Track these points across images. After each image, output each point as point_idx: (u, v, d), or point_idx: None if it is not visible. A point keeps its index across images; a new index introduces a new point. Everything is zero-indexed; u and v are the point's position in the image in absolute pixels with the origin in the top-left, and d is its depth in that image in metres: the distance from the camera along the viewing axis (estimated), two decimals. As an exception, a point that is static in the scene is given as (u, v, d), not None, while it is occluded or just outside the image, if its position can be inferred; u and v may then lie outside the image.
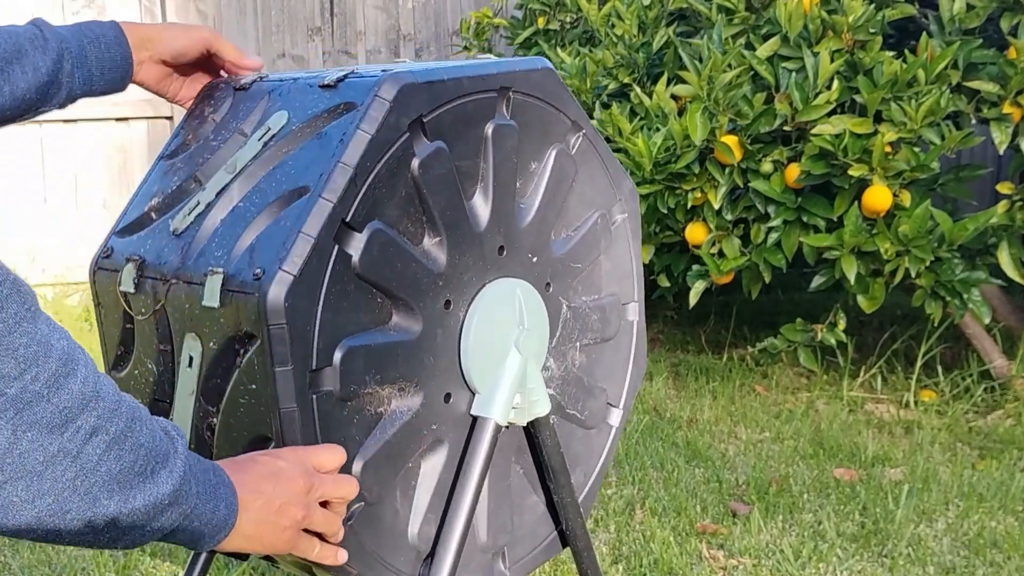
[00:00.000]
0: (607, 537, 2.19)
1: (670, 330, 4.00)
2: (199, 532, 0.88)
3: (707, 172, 2.89)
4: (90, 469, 0.77)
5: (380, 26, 5.45)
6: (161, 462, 0.83)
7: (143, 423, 0.82)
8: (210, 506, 0.88)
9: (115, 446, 0.79)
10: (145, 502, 0.81)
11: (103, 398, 0.78)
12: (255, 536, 0.94)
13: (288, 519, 0.96)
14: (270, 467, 0.97)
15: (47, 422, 0.74)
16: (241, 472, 0.94)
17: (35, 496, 0.75)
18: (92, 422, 0.77)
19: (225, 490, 0.91)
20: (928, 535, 2.18)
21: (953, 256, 2.70)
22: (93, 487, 0.78)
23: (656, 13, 3.28)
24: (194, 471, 0.87)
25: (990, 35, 2.92)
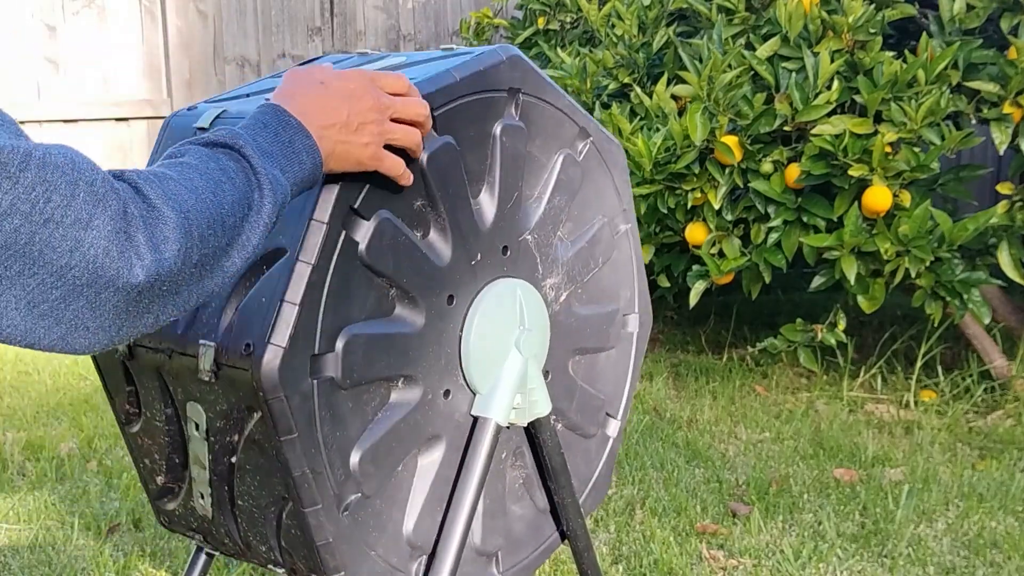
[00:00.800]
0: (607, 537, 2.19)
1: (670, 330, 4.00)
2: (302, 188, 0.97)
3: (707, 172, 2.89)
4: (212, 256, 0.85)
5: (380, 26, 5.45)
6: (252, 189, 0.89)
7: (219, 183, 0.86)
8: (296, 168, 0.94)
9: (217, 225, 0.85)
10: (257, 232, 0.89)
11: (190, 215, 0.82)
12: (344, 155, 1.00)
13: (367, 135, 1.02)
14: (341, 90, 1.01)
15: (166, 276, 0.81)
16: (314, 100, 0.98)
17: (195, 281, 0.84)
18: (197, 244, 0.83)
19: (301, 138, 0.96)
20: (928, 535, 2.18)
21: (953, 256, 2.70)
22: (220, 260, 0.86)
23: (656, 13, 3.28)
24: (271, 154, 0.92)
25: (990, 35, 2.92)
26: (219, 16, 5.01)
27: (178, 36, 4.90)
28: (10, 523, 2.30)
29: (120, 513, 2.33)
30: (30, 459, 2.70)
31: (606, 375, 1.45)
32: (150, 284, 0.79)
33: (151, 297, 0.80)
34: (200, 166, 0.87)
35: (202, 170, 0.86)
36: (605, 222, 1.40)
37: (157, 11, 4.87)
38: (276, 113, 0.96)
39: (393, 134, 1.05)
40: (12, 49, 4.54)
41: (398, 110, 1.05)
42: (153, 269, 0.78)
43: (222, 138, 0.90)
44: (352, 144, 1.00)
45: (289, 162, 0.94)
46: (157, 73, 4.91)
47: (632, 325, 1.48)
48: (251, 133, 0.92)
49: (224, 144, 0.90)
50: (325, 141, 0.98)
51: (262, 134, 0.93)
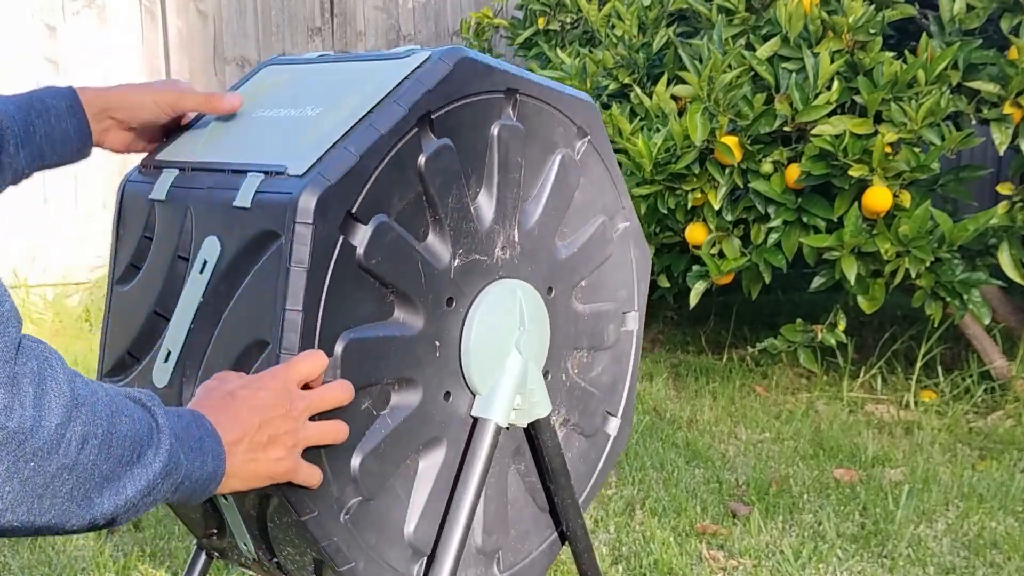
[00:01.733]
0: (607, 538, 2.19)
1: (670, 330, 4.00)
2: (191, 490, 0.89)
3: (707, 173, 2.89)
4: (86, 477, 0.78)
5: (380, 26, 5.45)
6: (147, 443, 0.83)
7: (122, 412, 0.82)
8: (198, 463, 0.88)
9: (104, 445, 0.79)
10: (137, 488, 0.82)
11: (82, 402, 0.78)
12: (250, 474, 0.94)
13: (280, 449, 0.96)
14: (252, 401, 0.95)
15: (47, 445, 0.74)
16: (222, 413, 0.93)
17: (36, 516, 0.76)
18: (80, 430, 0.77)
19: (211, 441, 0.90)
20: (928, 536, 2.18)
21: (953, 257, 2.70)
22: (89, 491, 0.78)
23: (656, 14, 3.28)
24: (178, 435, 0.87)
25: (990, 36, 2.92)
26: (219, 16, 5.02)
27: (178, 36, 4.91)
28: (10, 523, 2.30)
29: (120, 513, 2.34)
30: (30, 459, 2.70)
31: (605, 373, 1.45)
32: (22, 436, 0.72)
33: (33, 460, 0.74)
34: (109, 392, 0.82)
35: (110, 395, 0.82)
36: (604, 220, 1.40)
37: (157, 11, 4.87)
38: (193, 414, 0.91)
39: (309, 438, 0.99)
40: (12, 49, 4.54)
41: (314, 406, 0.99)
42: (28, 422, 0.72)
43: (140, 396, 0.87)
44: (262, 461, 0.95)
45: (194, 454, 0.88)
46: (157, 73, 4.91)
47: (631, 323, 1.48)
48: (167, 413, 0.88)
49: (139, 400, 0.86)
50: (232, 459, 0.92)
51: (177, 421, 0.88)
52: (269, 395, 0.96)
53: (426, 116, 1.13)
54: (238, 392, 0.96)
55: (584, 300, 1.39)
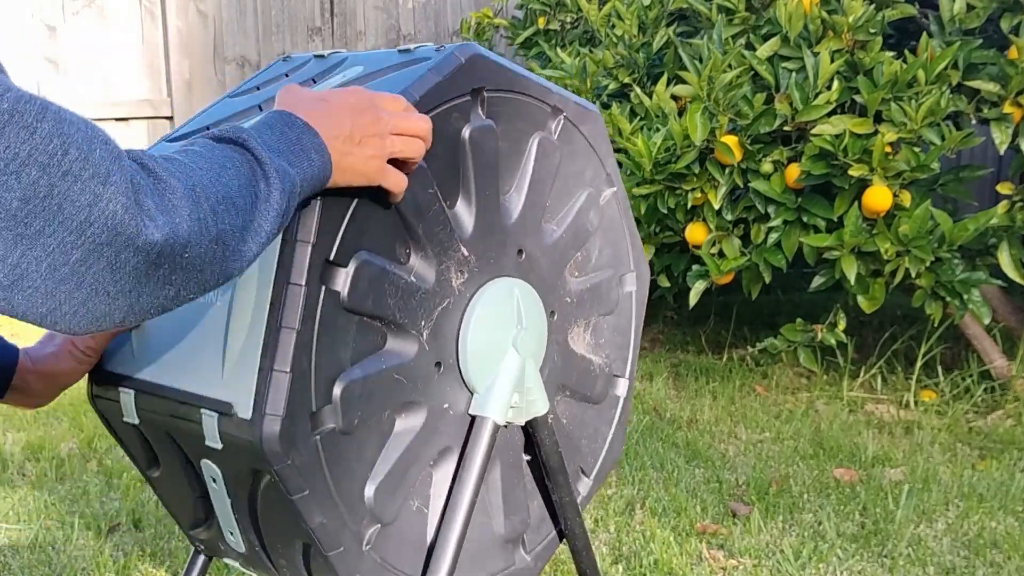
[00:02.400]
0: (607, 537, 2.19)
1: (670, 330, 4.00)
2: (312, 186, 0.96)
3: (707, 172, 2.89)
4: (230, 236, 0.85)
5: (380, 26, 5.45)
6: (257, 179, 0.89)
7: (224, 167, 0.87)
8: (306, 164, 0.94)
9: (229, 205, 0.85)
10: (270, 221, 0.89)
11: (195, 183, 0.83)
12: (347, 168, 1.00)
13: (372, 148, 1.01)
14: (342, 104, 1.01)
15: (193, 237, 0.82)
16: (316, 111, 0.98)
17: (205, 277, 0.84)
18: (207, 207, 0.83)
19: (308, 137, 0.96)
20: (928, 535, 2.18)
21: (953, 256, 2.70)
22: (238, 246, 0.86)
23: (656, 13, 3.28)
24: (278, 149, 0.92)
25: (990, 35, 2.92)
26: (219, 16, 5.02)
27: (178, 36, 4.91)
28: (10, 523, 2.30)
29: (120, 513, 2.33)
30: (30, 459, 2.70)
31: (609, 337, 1.44)
32: (169, 248, 0.78)
33: (171, 264, 0.79)
34: (205, 153, 0.87)
35: (207, 156, 0.87)
36: (590, 192, 1.38)
37: (157, 11, 4.87)
38: (281, 116, 0.96)
39: (395, 147, 1.04)
40: (12, 49, 4.54)
41: (399, 124, 1.05)
42: (168, 231, 0.78)
43: (227, 134, 0.91)
44: (357, 157, 1.00)
45: (297, 157, 0.94)
46: (157, 73, 4.91)
47: (629, 284, 1.47)
48: (255, 130, 0.93)
49: (229, 139, 0.90)
50: (332, 152, 0.98)
51: (267, 132, 0.93)
52: (359, 102, 1.02)
53: None
54: (329, 96, 1.02)
55: (579, 275, 1.38)
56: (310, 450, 1.05)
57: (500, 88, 1.23)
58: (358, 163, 1.01)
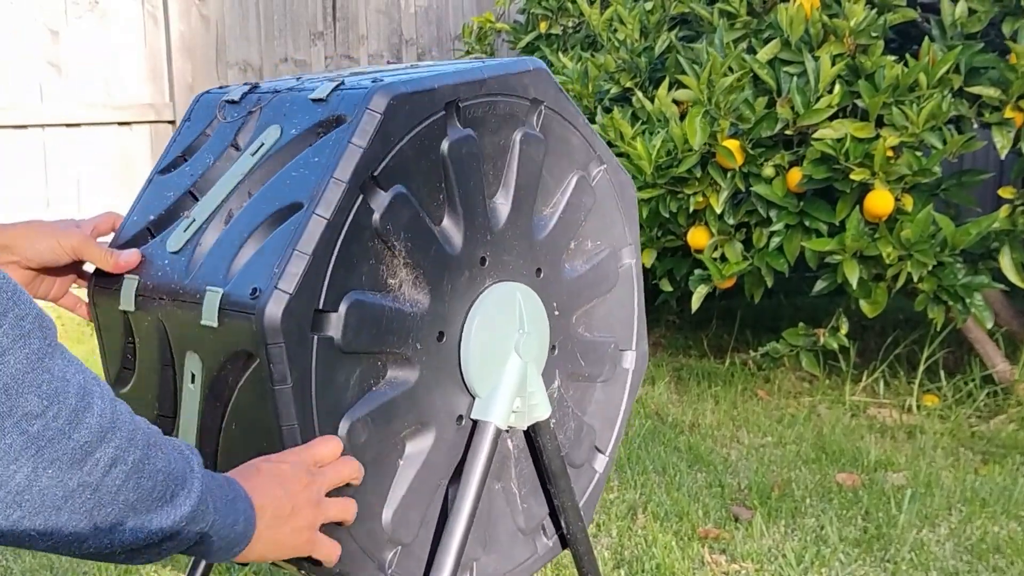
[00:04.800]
0: (609, 541, 2.19)
1: (672, 334, 3.99)
2: (218, 546, 0.89)
3: (709, 176, 2.89)
4: (109, 500, 0.77)
5: (382, 30, 5.46)
6: (179, 484, 0.83)
7: (159, 447, 0.82)
8: (229, 520, 0.89)
9: (134, 475, 0.78)
10: (162, 525, 0.82)
11: (120, 428, 0.78)
12: (273, 542, 0.95)
13: (303, 520, 0.98)
14: (275, 473, 0.98)
15: (68, 458, 0.74)
16: (250, 480, 0.95)
17: (53, 530, 0.75)
18: (111, 453, 0.76)
19: (242, 503, 0.91)
20: (931, 540, 2.18)
21: (955, 261, 2.70)
22: (110, 516, 0.78)
23: (658, 17, 3.29)
24: (211, 488, 0.87)
25: (992, 39, 2.92)
26: (222, 20, 5.02)
27: (181, 40, 4.91)
28: (11, 527, 2.30)
29: (121, 517, 2.33)
30: (32, 463, 2.70)
31: (598, 408, 1.45)
32: (46, 442, 0.72)
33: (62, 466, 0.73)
34: (151, 428, 0.83)
35: (151, 430, 0.82)
36: (611, 252, 1.41)
37: (160, 15, 4.88)
38: (226, 477, 0.93)
39: (328, 513, 1.02)
40: (14, 52, 4.55)
41: (331, 481, 1.03)
42: (55, 431, 0.72)
43: (181, 444, 0.87)
44: (285, 531, 0.96)
45: (224, 510, 0.88)
46: (160, 77, 4.92)
47: (628, 362, 1.49)
48: (203, 467, 0.88)
49: (179, 446, 0.86)
50: (259, 524, 0.93)
51: (211, 478, 0.89)
52: (291, 469, 0.99)
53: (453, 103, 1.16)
54: (262, 466, 0.99)
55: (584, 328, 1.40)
56: (305, 344, 1.05)
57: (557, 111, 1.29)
58: (286, 538, 0.97)
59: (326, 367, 1.08)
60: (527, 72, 1.24)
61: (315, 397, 1.07)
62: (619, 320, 1.47)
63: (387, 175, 1.10)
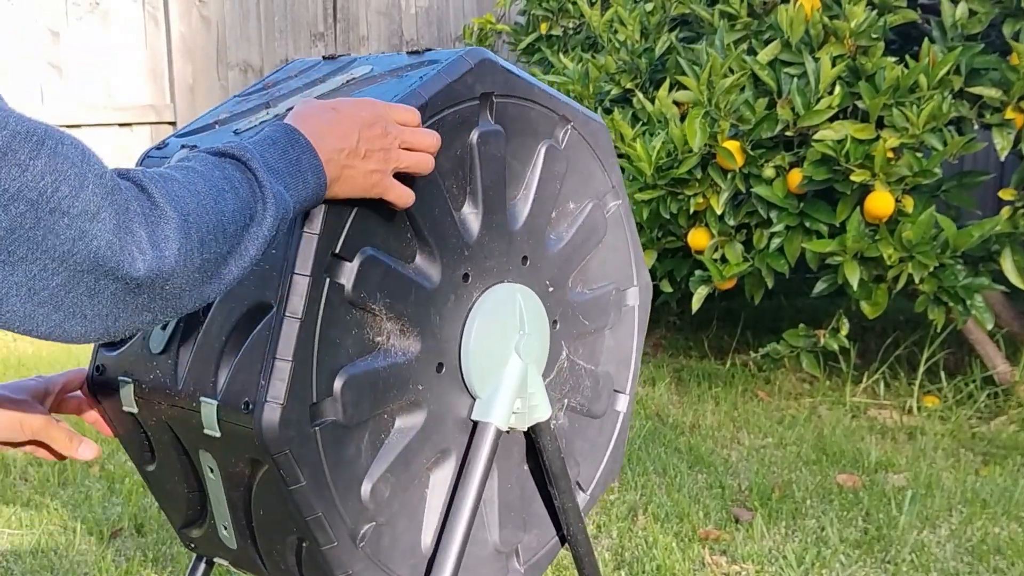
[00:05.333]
0: (609, 543, 2.19)
1: (672, 335, 3.99)
2: (304, 208, 0.97)
3: (709, 177, 2.89)
4: (212, 263, 0.85)
5: (383, 31, 5.46)
6: (254, 202, 0.89)
7: (223, 190, 0.87)
8: (301, 186, 0.95)
9: (219, 232, 0.85)
10: (257, 246, 0.90)
11: (189, 211, 0.83)
12: (348, 182, 1.01)
13: (374, 163, 1.02)
14: (352, 117, 1.02)
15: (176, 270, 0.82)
16: (325, 124, 0.99)
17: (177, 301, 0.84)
18: (196, 238, 0.83)
19: (308, 157, 0.96)
20: (931, 541, 2.18)
21: (956, 262, 2.70)
22: (218, 269, 0.86)
23: (658, 19, 3.29)
24: (277, 170, 0.93)
25: (992, 40, 2.92)
26: (222, 21, 5.02)
27: (181, 41, 4.91)
28: (13, 528, 2.31)
29: (122, 518, 2.33)
30: (32, 464, 2.70)
31: (610, 352, 1.44)
32: (150, 280, 0.80)
33: (150, 294, 0.81)
34: (206, 172, 0.88)
35: (207, 176, 0.87)
36: (595, 203, 1.38)
37: (160, 16, 4.88)
38: (287, 131, 0.96)
39: (401, 161, 1.05)
40: (15, 53, 4.56)
41: (407, 139, 1.06)
42: (154, 265, 0.79)
43: (231, 149, 0.91)
44: (358, 170, 1.01)
45: (294, 180, 0.94)
46: (160, 78, 4.92)
47: (631, 299, 1.47)
48: (260, 148, 0.93)
49: (232, 155, 0.91)
50: (332, 165, 0.99)
51: (270, 150, 0.94)
52: (369, 115, 1.03)
53: None
54: (341, 107, 1.03)
55: (582, 286, 1.38)
56: (309, 441, 1.05)
57: (509, 94, 1.23)
58: (359, 177, 1.01)
59: (334, 449, 1.08)
60: (468, 72, 1.18)
61: (332, 482, 1.08)
62: (615, 263, 1.44)
63: (348, 244, 1.07)
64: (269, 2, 5.13)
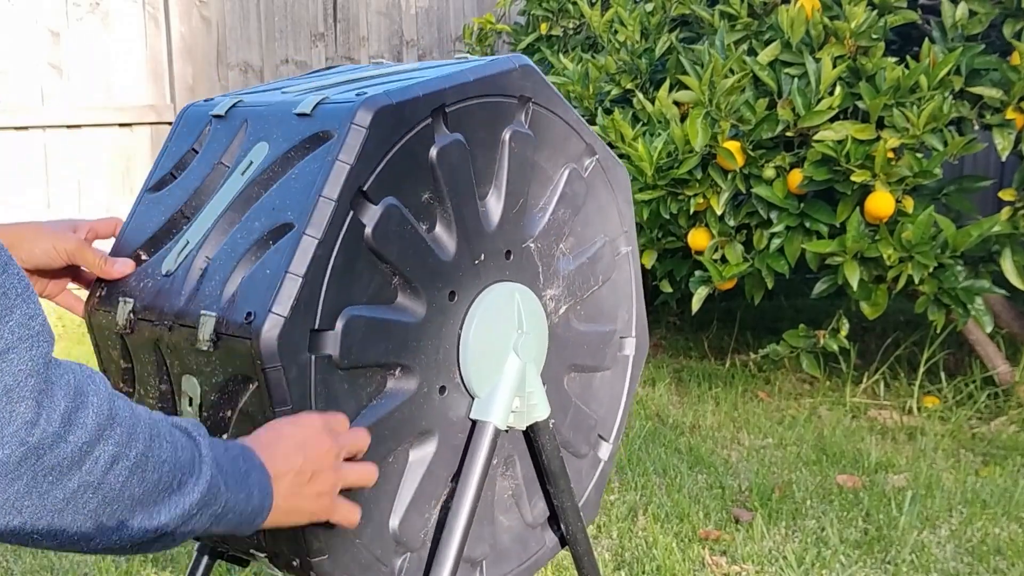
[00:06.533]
0: (609, 543, 2.19)
1: (673, 336, 3.99)
2: (236, 523, 0.89)
3: (709, 178, 2.89)
4: (113, 497, 0.76)
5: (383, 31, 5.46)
6: (187, 471, 0.82)
7: (163, 437, 0.80)
8: (243, 496, 0.88)
9: (138, 469, 0.77)
10: (172, 515, 0.81)
11: (119, 422, 0.76)
12: (292, 509, 0.95)
13: (323, 485, 0.98)
14: (296, 438, 0.98)
15: (67, 461, 0.72)
16: (269, 448, 0.95)
17: (58, 531, 0.74)
18: (111, 450, 0.75)
19: (257, 474, 0.91)
20: (931, 542, 2.18)
21: (956, 263, 2.69)
22: (116, 512, 0.77)
23: (659, 19, 3.29)
24: (222, 466, 0.86)
25: (992, 41, 2.92)
26: (223, 22, 5.03)
27: (182, 42, 4.92)
28: (12, 528, 2.30)
29: (122, 518, 2.33)
30: (32, 464, 2.70)
31: (600, 396, 1.45)
32: (43, 451, 0.71)
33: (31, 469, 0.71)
34: (153, 416, 0.81)
35: (153, 420, 0.81)
36: (606, 241, 1.41)
37: (161, 17, 4.88)
38: (242, 447, 0.92)
39: (348, 479, 1.02)
40: (16, 54, 4.56)
41: (351, 448, 1.03)
42: (51, 437, 0.71)
43: (185, 424, 0.86)
44: (305, 497, 0.96)
45: (237, 487, 0.87)
46: (161, 79, 4.92)
47: (628, 348, 1.49)
48: (213, 444, 0.87)
49: (185, 429, 0.85)
50: (277, 491, 0.93)
51: (224, 452, 0.88)
52: (313, 433, 0.99)
53: (440, 109, 1.15)
54: (283, 429, 0.99)
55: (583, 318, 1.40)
56: (302, 364, 1.05)
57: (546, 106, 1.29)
58: (306, 503, 0.97)
59: (326, 385, 1.07)
60: (513, 70, 1.24)
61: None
62: (618, 308, 1.46)
63: (376, 188, 1.09)
64: (269, 2, 5.13)
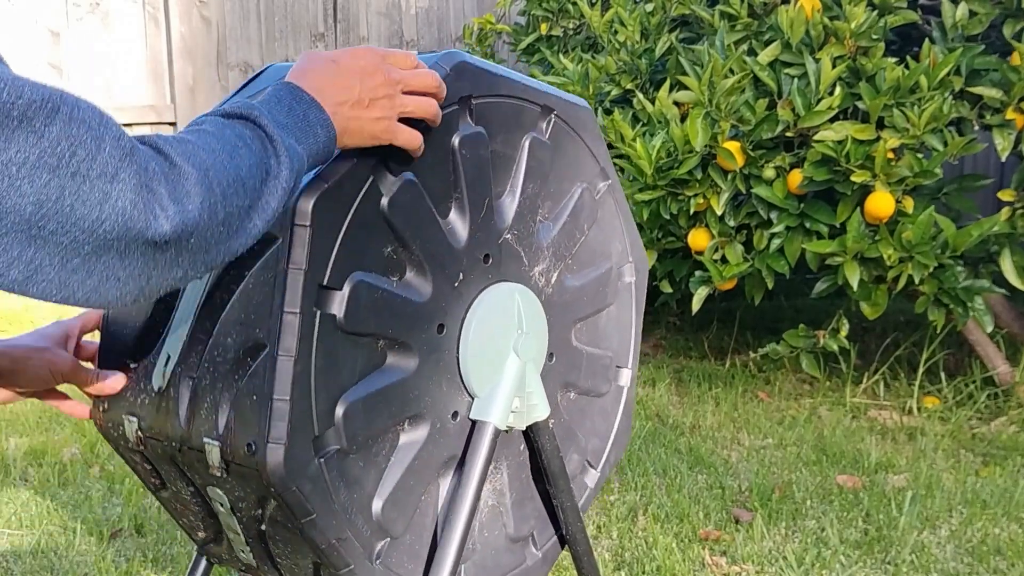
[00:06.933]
0: (609, 543, 2.19)
1: (673, 336, 3.99)
2: (317, 161, 0.99)
3: (709, 178, 2.89)
4: (236, 215, 0.87)
5: (383, 32, 5.46)
6: (267, 157, 0.91)
7: (236, 147, 0.88)
8: (311, 140, 0.96)
9: (238, 186, 0.87)
10: (277, 198, 0.91)
11: (207, 166, 0.84)
12: (356, 132, 1.02)
13: (379, 110, 1.03)
14: (352, 67, 1.02)
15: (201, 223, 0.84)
16: (326, 77, 1.00)
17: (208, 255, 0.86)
18: (219, 191, 0.85)
19: (314, 112, 0.97)
20: (932, 542, 2.17)
21: (956, 263, 2.69)
22: (243, 223, 0.88)
23: (659, 19, 3.29)
24: (286, 126, 0.94)
25: (993, 41, 2.92)
26: (223, 22, 5.03)
27: (182, 42, 4.92)
28: (12, 528, 2.30)
29: (122, 518, 2.33)
30: (32, 464, 2.70)
31: (610, 332, 1.44)
32: (177, 236, 0.81)
33: (179, 250, 0.82)
34: (217, 132, 0.89)
35: (219, 136, 0.89)
36: (584, 187, 1.38)
37: (161, 17, 4.88)
38: (290, 89, 0.98)
39: (406, 107, 1.06)
40: (16, 54, 4.56)
41: (409, 83, 1.06)
42: (178, 220, 0.81)
43: (238, 109, 0.92)
44: (364, 120, 1.02)
45: (304, 134, 0.96)
46: (161, 79, 4.92)
47: (628, 275, 1.47)
48: (266, 106, 0.95)
49: (240, 115, 0.92)
50: (338, 117, 1.00)
51: (276, 108, 0.95)
52: (369, 63, 1.04)
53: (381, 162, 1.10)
54: (341, 59, 1.03)
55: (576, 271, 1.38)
56: (315, 474, 1.05)
57: (488, 94, 1.22)
58: (366, 126, 1.02)
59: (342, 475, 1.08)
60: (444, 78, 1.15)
61: (343, 508, 1.09)
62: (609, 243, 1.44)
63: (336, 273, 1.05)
64: (269, 3, 5.13)
